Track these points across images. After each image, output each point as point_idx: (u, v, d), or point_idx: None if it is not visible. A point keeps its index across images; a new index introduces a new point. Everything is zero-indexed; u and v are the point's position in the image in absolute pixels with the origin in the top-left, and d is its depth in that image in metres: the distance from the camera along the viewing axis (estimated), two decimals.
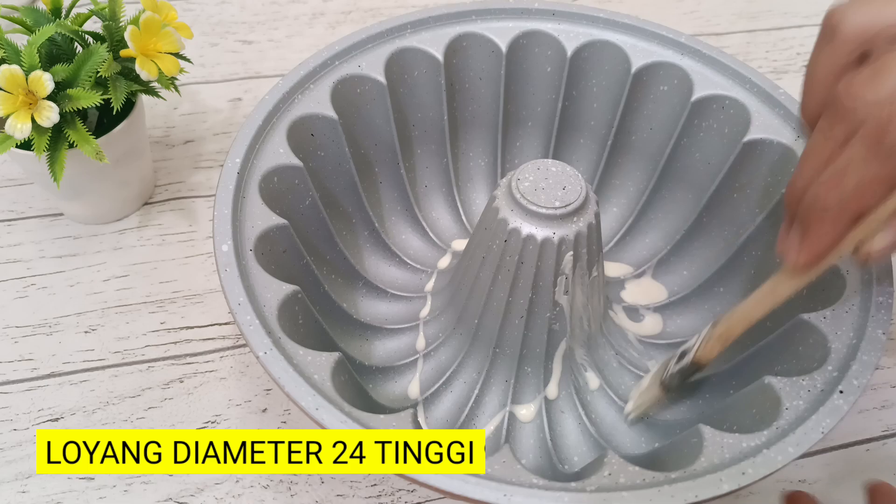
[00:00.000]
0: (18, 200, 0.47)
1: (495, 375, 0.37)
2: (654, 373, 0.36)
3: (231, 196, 0.33)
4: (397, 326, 0.40)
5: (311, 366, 0.29)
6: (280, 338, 0.29)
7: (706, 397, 0.37)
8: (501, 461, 0.27)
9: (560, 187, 0.33)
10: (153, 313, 0.43)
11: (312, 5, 0.62)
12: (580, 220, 0.33)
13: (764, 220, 0.38)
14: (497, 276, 0.34)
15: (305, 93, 0.38)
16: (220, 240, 0.32)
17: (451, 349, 0.38)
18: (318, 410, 0.27)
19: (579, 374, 0.38)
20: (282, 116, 0.37)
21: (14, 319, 0.42)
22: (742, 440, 0.28)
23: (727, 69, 0.40)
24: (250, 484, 0.37)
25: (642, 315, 0.41)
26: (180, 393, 0.40)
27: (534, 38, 0.42)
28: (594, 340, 0.38)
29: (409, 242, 0.44)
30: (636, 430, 0.37)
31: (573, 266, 0.34)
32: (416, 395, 0.37)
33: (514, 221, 0.33)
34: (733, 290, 0.40)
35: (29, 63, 0.36)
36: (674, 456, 0.30)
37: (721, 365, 0.36)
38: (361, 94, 0.40)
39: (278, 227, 0.34)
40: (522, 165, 0.34)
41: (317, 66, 0.39)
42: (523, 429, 0.37)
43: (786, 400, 0.29)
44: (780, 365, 0.33)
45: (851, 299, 0.32)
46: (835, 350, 0.30)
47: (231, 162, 0.34)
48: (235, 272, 0.31)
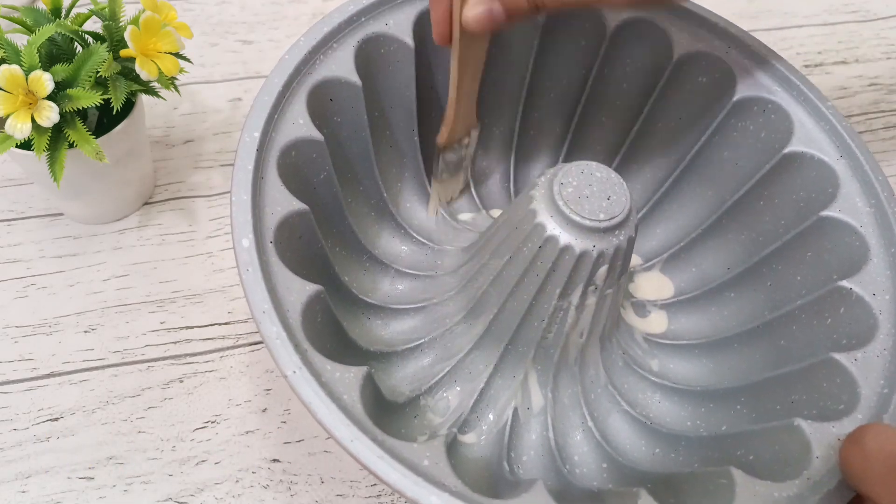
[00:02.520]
0: (18, 200, 0.47)
1: (504, 370, 0.36)
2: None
3: (250, 178, 0.30)
4: (402, 307, 0.38)
5: (340, 384, 0.27)
6: (307, 350, 0.28)
7: (709, 406, 0.36)
8: (537, 501, 0.26)
9: (605, 197, 0.31)
10: (153, 313, 0.43)
11: (312, 5, 0.62)
12: (622, 233, 0.32)
13: (793, 237, 0.37)
14: (524, 279, 0.33)
15: (328, 53, 0.35)
16: (241, 233, 0.29)
17: (460, 338, 0.37)
18: (353, 443, 0.26)
19: (586, 372, 0.37)
20: (302, 80, 0.34)
21: (14, 319, 0.42)
22: (774, 490, 0.27)
23: (776, 72, 0.38)
24: (250, 484, 0.37)
25: (649, 311, 0.41)
26: (180, 393, 0.40)
27: (574, 9, 0.39)
28: (606, 340, 0.37)
29: (414, 212, 0.42)
30: (638, 434, 0.36)
31: (605, 277, 0.33)
32: (420, 384, 0.36)
33: (553, 229, 0.31)
34: (745, 297, 0.39)
35: (29, 63, 0.36)
36: (699, 491, 0.29)
37: (732, 381, 0.36)
38: (385, 54, 0.37)
39: (298, 213, 0.31)
40: (565, 166, 0.32)
41: (342, 21, 0.35)
42: (528, 425, 0.36)
43: (816, 448, 0.28)
44: (799, 396, 0.32)
45: (884, 343, 0.31)
46: (864, 397, 0.29)
47: (249, 136, 0.31)
48: (258, 273, 0.28)
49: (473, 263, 0.37)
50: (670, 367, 0.39)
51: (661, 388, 0.38)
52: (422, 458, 0.26)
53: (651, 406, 0.37)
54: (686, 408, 0.37)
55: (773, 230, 0.38)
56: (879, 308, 0.32)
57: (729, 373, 0.37)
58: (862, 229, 0.34)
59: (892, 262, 0.33)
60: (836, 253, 0.34)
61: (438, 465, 0.26)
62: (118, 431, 0.38)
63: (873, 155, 0.36)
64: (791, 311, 0.35)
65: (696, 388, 0.37)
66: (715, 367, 0.38)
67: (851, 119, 0.56)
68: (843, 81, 0.58)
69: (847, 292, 0.32)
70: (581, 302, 0.33)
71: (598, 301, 0.34)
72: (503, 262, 0.34)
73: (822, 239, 0.35)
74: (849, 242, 0.34)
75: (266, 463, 0.38)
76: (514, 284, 0.34)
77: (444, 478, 0.26)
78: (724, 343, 0.38)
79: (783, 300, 0.36)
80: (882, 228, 0.34)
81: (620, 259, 0.32)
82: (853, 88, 0.58)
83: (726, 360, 0.38)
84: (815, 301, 0.34)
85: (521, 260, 0.33)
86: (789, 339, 0.35)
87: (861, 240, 0.34)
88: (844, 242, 0.34)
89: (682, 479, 0.31)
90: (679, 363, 0.39)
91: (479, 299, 0.36)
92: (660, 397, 0.38)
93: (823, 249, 0.35)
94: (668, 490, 0.31)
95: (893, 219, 0.34)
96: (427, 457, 0.26)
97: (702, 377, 0.38)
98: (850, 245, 0.34)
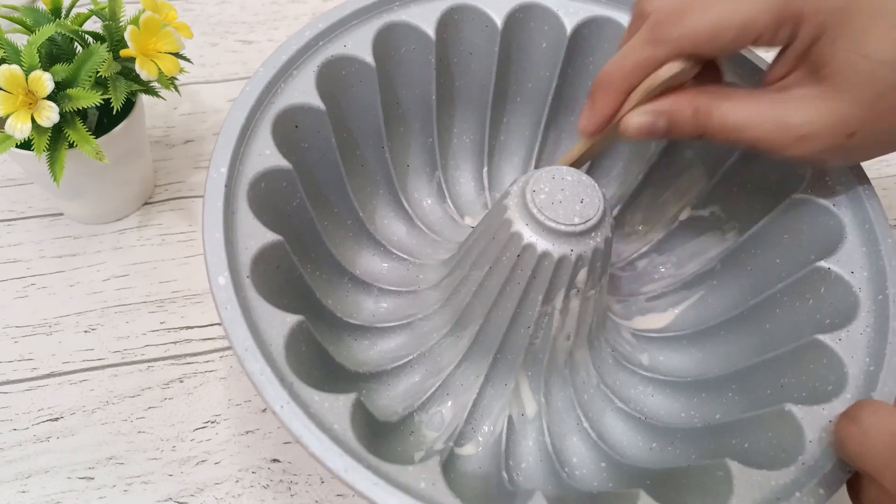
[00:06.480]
0: (18, 200, 0.47)
1: (495, 379, 0.37)
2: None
3: (221, 215, 0.30)
4: (387, 325, 0.38)
5: (330, 413, 0.27)
6: (292, 383, 0.28)
7: (701, 396, 0.36)
8: None
9: (578, 200, 0.32)
10: (153, 313, 0.43)
11: (312, 5, 0.62)
12: (598, 235, 0.32)
13: (769, 221, 0.37)
14: (505, 287, 0.33)
15: (289, 81, 0.35)
16: (216, 271, 0.29)
17: (448, 351, 0.37)
18: (347, 472, 0.26)
19: (577, 374, 0.37)
20: (265, 111, 0.34)
21: (14, 319, 0.42)
22: (770, 478, 0.27)
23: (738, 56, 0.37)
24: (250, 484, 0.37)
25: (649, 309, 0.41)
26: (180, 393, 0.40)
27: (531, 13, 0.40)
28: (594, 340, 0.38)
29: (392, 229, 0.42)
30: (633, 429, 0.37)
31: (586, 280, 0.33)
32: (413, 401, 0.36)
33: (529, 237, 0.31)
34: (728, 283, 0.39)
35: (29, 63, 0.36)
36: (696, 486, 0.29)
37: (722, 369, 0.36)
38: (347, 76, 0.37)
39: (273, 245, 0.31)
40: (536, 173, 0.32)
41: (299, 48, 0.36)
42: (524, 432, 0.36)
43: (808, 432, 0.28)
44: (788, 378, 0.32)
45: (866, 320, 0.31)
46: (852, 376, 0.30)
47: (216, 173, 0.31)
48: (237, 310, 0.28)
49: (455, 276, 0.37)
50: (660, 359, 0.39)
51: (653, 382, 0.38)
52: (418, 481, 0.26)
53: (644, 401, 0.38)
54: (679, 400, 0.37)
55: (748, 213, 0.38)
56: (859, 285, 0.32)
57: (718, 361, 0.37)
58: (835, 209, 0.34)
59: (866, 238, 0.33)
60: (813, 234, 0.35)
61: (435, 485, 0.26)
62: (118, 431, 0.38)
63: None
64: (773, 294, 0.35)
65: (687, 378, 0.37)
66: (704, 356, 0.38)
67: None
68: None
69: (826, 272, 0.33)
70: (565, 305, 0.34)
71: (582, 303, 0.34)
72: (484, 272, 0.34)
73: (797, 221, 0.36)
74: (823, 222, 0.34)
75: (266, 463, 0.38)
76: (496, 294, 0.34)
77: (441, 498, 0.26)
78: (710, 332, 0.38)
79: (765, 284, 0.36)
80: (855, 207, 0.34)
81: (599, 260, 0.32)
82: None
83: (714, 348, 0.38)
84: (796, 283, 0.34)
85: (502, 269, 0.33)
86: (774, 323, 0.35)
87: (836, 219, 0.34)
88: (819, 223, 0.35)
89: (681, 475, 0.31)
90: (669, 355, 0.39)
91: (463, 311, 0.36)
92: (652, 391, 0.38)
93: (800, 231, 0.35)
94: (667, 488, 0.31)
95: (865, 197, 0.34)
96: (423, 479, 0.26)
97: (692, 367, 0.38)
98: (825, 225, 0.34)
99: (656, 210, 0.43)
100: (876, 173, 0.52)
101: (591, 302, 0.35)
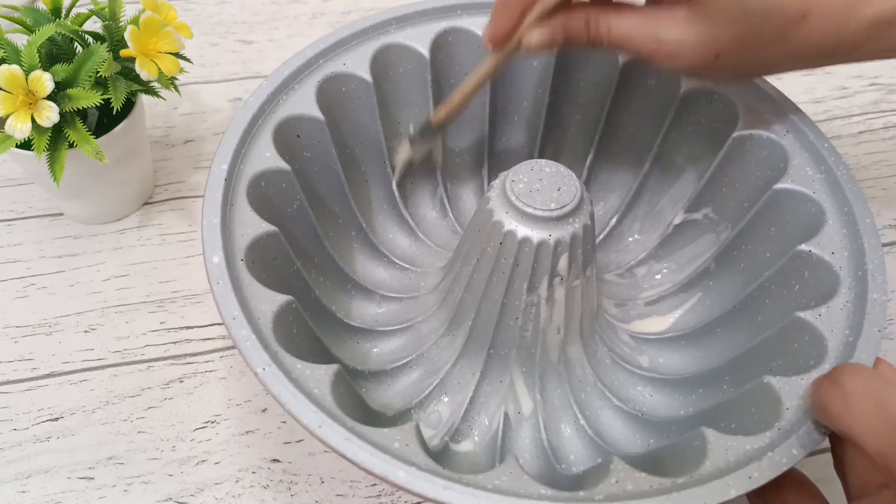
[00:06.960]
0: (18, 200, 0.47)
1: (490, 376, 0.37)
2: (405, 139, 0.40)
3: (219, 205, 0.32)
4: (388, 328, 0.39)
5: (311, 380, 0.28)
6: (277, 351, 0.29)
7: (699, 392, 0.37)
8: (508, 472, 0.26)
9: (555, 188, 0.33)
10: (153, 313, 0.43)
11: (312, 5, 0.62)
12: (576, 221, 0.33)
13: (755, 215, 0.37)
14: (492, 278, 0.34)
15: (290, 93, 0.37)
16: (211, 251, 0.31)
17: (445, 350, 0.38)
18: (321, 428, 0.26)
19: (573, 371, 0.38)
20: (267, 118, 0.36)
21: (14, 319, 0.42)
22: (745, 442, 0.27)
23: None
24: (250, 484, 0.37)
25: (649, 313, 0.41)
26: (180, 393, 0.40)
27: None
28: (588, 338, 0.38)
29: (396, 241, 0.44)
30: (630, 426, 0.37)
31: (568, 267, 0.34)
32: (411, 399, 0.37)
33: (510, 224, 0.33)
34: (724, 282, 0.40)
35: (29, 63, 0.36)
36: (677, 459, 0.30)
37: (715, 361, 0.37)
38: (347, 92, 0.39)
39: (268, 235, 0.33)
40: (516, 166, 0.34)
41: (301, 65, 0.38)
42: (520, 428, 0.37)
43: (786, 400, 0.29)
44: (776, 362, 0.33)
45: (846, 296, 0.32)
46: (832, 348, 0.30)
47: (217, 168, 0.33)
48: (228, 284, 0.30)
49: (449, 277, 0.38)
50: (660, 361, 0.39)
51: (652, 382, 0.38)
52: (392, 441, 0.27)
53: (643, 400, 0.38)
54: (678, 398, 0.37)
55: (737, 212, 0.39)
56: (839, 265, 0.33)
57: (716, 359, 0.37)
58: (815, 195, 0.35)
59: (846, 220, 0.34)
60: (796, 223, 0.36)
61: (409, 446, 0.27)
62: (118, 431, 0.38)
63: (817, 125, 0.37)
64: (761, 284, 0.36)
65: (684, 374, 0.38)
66: (702, 355, 0.38)
67: (851, 119, 0.56)
68: (843, 81, 0.58)
69: (807, 255, 0.34)
70: (550, 294, 0.34)
71: (567, 294, 0.35)
72: (472, 266, 0.35)
73: (781, 212, 0.36)
74: (805, 210, 0.35)
75: (266, 463, 0.38)
76: (484, 286, 0.35)
77: (413, 457, 0.27)
78: (708, 330, 0.38)
79: (757, 279, 0.37)
80: (833, 191, 0.35)
81: (580, 247, 0.33)
82: (853, 88, 0.58)
83: (712, 346, 0.38)
84: (781, 270, 0.35)
85: (487, 260, 0.34)
86: (765, 314, 0.36)
87: (816, 205, 0.35)
88: (801, 211, 0.36)
89: (665, 453, 0.32)
90: (668, 356, 0.39)
91: (457, 308, 0.37)
92: (651, 390, 0.38)
93: (785, 222, 0.36)
94: (647, 462, 0.32)
95: (843, 181, 0.35)
96: (398, 440, 0.27)
97: (691, 367, 0.38)
98: (806, 212, 0.35)
99: (653, 218, 0.44)
100: (875, 174, 0.52)
101: (578, 293, 0.35)
